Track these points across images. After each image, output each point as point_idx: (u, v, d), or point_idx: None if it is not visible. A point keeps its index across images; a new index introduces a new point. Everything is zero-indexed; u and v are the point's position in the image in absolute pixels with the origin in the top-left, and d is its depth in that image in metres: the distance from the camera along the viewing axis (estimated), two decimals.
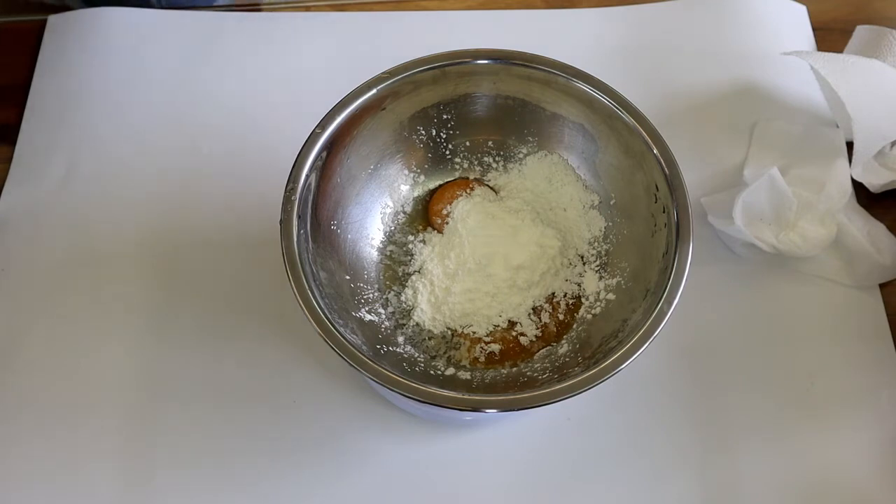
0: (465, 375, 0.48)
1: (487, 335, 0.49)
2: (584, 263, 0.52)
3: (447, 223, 0.52)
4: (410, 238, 0.53)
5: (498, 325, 0.50)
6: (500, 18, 0.66)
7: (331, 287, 0.45)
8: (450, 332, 0.50)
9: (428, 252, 0.52)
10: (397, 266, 0.52)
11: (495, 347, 0.49)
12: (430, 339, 0.49)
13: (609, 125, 0.49)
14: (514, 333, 0.50)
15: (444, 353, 0.49)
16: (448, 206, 0.53)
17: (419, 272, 0.51)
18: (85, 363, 0.52)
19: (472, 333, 0.49)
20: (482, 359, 0.49)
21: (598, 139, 0.50)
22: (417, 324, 0.50)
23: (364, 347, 0.43)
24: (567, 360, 0.47)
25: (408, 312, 0.50)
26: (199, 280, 0.55)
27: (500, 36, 0.65)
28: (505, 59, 0.49)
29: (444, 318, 0.50)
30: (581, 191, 0.52)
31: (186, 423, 0.50)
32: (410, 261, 0.52)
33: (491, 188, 0.54)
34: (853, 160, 0.57)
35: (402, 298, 0.50)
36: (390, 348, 0.48)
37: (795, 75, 0.63)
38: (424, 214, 0.53)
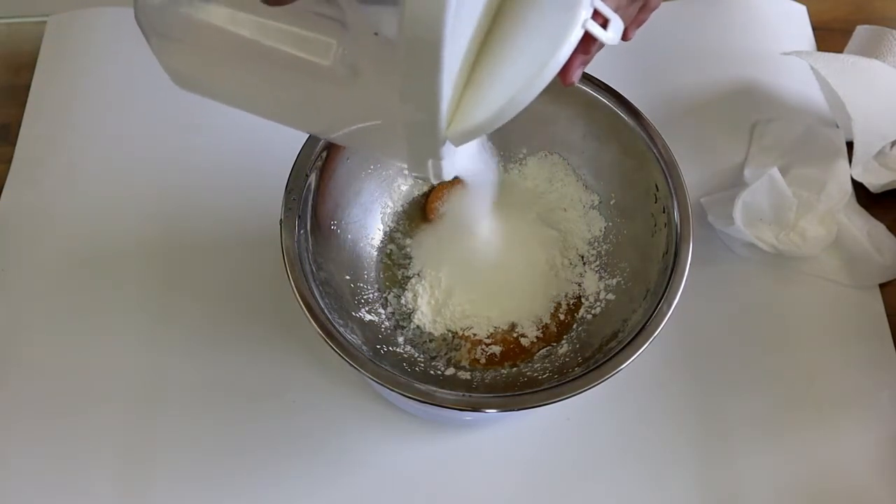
0: (465, 375, 0.48)
1: (488, 337, 0.49)
2: (584, 263, 0.52)
3: (447, 223, 0.52)
4: (409, 241, 0.52)
5: (498, 327, 0.50)
6: None
7: (331, 287, 0.45)
8: (450, 335, 0.50)
9: (428, 254, 0.51)
10: (397, 269, 0.52)
11: (496, 349, 0.49)
12: (430, 341, 0.49)
13: (609, 125, 0.49)
14: (514, 334, 0.50)
15: (445, 353, 0.49)
16: (446, 204, 0.52)
17: (419, 275, 0.51)
18: (84, 363, 0.52)
19: (472, 335, 0.49)
20: (482, 360, 0.49)
21: (598, 139, 0.50)
22: (418, 326, 0.50)
23: (364, 347, 0.43)
24: (567, 360, 0.47)
25: (408, 315, 0.50)
26: (199, 280, 0.55)
27: None
28: None
29: (445, 321, 0.49)
30: (581, 191, 0.52)
31: (186, 423, 0.50)
32: (410, 263, 0.52)
33: None
34: (853, 160, 0.57)
35: (403, 301, 0.50)
36: (390, 348, 0.47)
37: (795, 75, 0.63)
38: (424, 213, 0.53)
